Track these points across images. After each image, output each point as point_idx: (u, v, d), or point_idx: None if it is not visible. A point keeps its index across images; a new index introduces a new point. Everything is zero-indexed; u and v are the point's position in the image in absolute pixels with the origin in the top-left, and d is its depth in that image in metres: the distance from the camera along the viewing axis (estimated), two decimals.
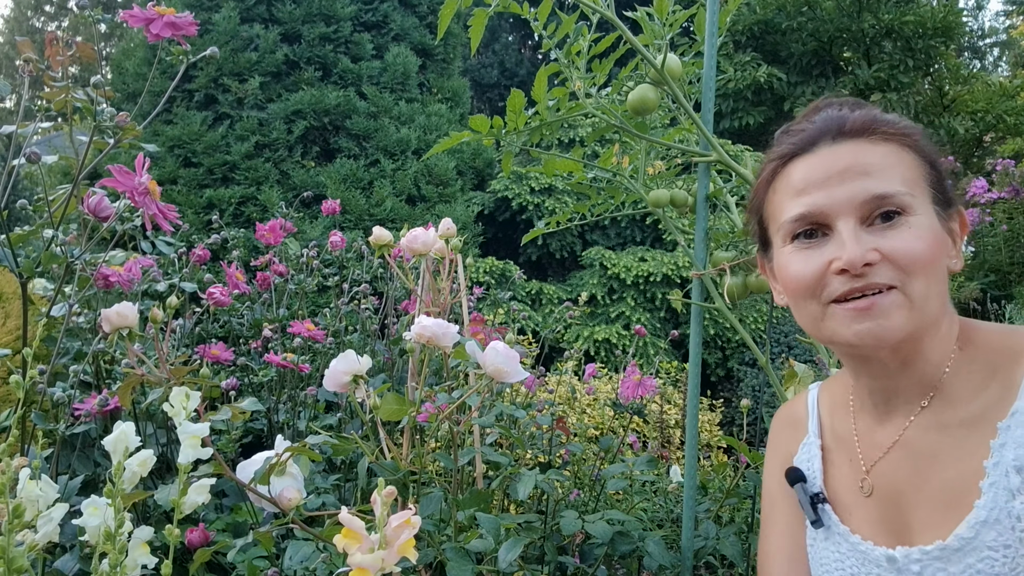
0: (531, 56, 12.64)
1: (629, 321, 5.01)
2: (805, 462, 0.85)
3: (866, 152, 0.73)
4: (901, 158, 0.73)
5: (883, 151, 0.73)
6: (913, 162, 0.73)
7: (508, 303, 2.55)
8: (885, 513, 0.75)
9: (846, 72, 8.38)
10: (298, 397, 1.97)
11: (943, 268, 0.72)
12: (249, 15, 4.87)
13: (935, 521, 0.70)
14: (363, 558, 0.65)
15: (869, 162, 0.72)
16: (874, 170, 0.72)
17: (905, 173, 0.72)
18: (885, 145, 0.73)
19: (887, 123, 0.74)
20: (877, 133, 0.74)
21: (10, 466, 0.73)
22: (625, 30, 1.25)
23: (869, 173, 0.71)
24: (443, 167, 4.97)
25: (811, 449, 0.85)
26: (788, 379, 1.31)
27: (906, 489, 0.74)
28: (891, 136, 0.73)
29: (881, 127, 0.74)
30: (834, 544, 0.79)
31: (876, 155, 0.72)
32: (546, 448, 1.57)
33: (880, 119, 0.75)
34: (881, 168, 0.72)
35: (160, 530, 0.91)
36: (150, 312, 1.12)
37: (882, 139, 0.73)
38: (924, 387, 0.74)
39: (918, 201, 0.71)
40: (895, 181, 0.71)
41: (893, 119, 0.75)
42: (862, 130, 0.74)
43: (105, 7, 14.63)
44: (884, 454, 0.77)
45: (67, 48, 1.27)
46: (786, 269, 0.77)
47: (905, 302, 0.69)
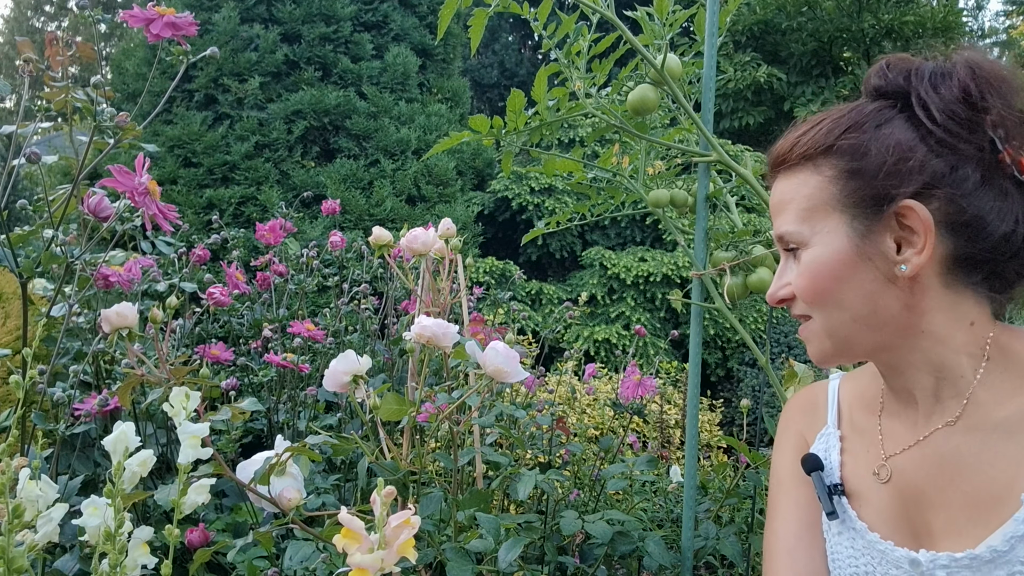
0: (531, 56, 12.64)
1: (629, 321, 5.01)
2: (822, 452, 0.83)
3: (780, 187, 0.75)
4: (804, 184, 0.72)
5: (791, 183, 0.73)
6: (819, 183, 0.71)
7: (508, 303, 2.55)
8: (904, 511, 0.73)
9: (846, 72, 8.38)
10: (298, 397, 1.97)
11: (851, 293, 0.69)
12: (249, 15, 4.87)
13: (960, 527, 0.67)
14: (363, 558, 0.65)
15: (777, 199, 0.75)
16: (781, 208, 0.74)
17: (802, 204, 0.72)
18: (794, 175, 0.73)
19: (797, 147, 0.73)
20: (787, 164, 0.74)
21: (10, 466, 0.73)
22: (625, 30, 1.25)
23: (778, 211, 0.74)
24: (443, 167, 4.97)
25: (829, 440, 0.83)
26: (788, 379, 1.31)
27: (928, 489, 0.71)
28: (799, 162, 0.73)
29: (793, 155, 0.73)
30: (848, 539, 0.77)
31: (784, 190, 0.74)
32: (546, 448, 1.57)
33: (792, 143, 0.73)
34: (784, 204, 0.74)
35: (160, 530, 0.91)
36: (150, 312, 1.12)
37: (791, 169, 0.73)
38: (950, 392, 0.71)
39: (817, 228, 0.71)
40: (790, 218, 0.72)
41: (806, 135, 0.72)
42: (779, 163, 0.75)
43: (105, 7, 14.63)
44: (906, 448, 0.74)
45: (67, 48, 1.27)
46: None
47: (818, 330, 0.73)
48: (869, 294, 0.69)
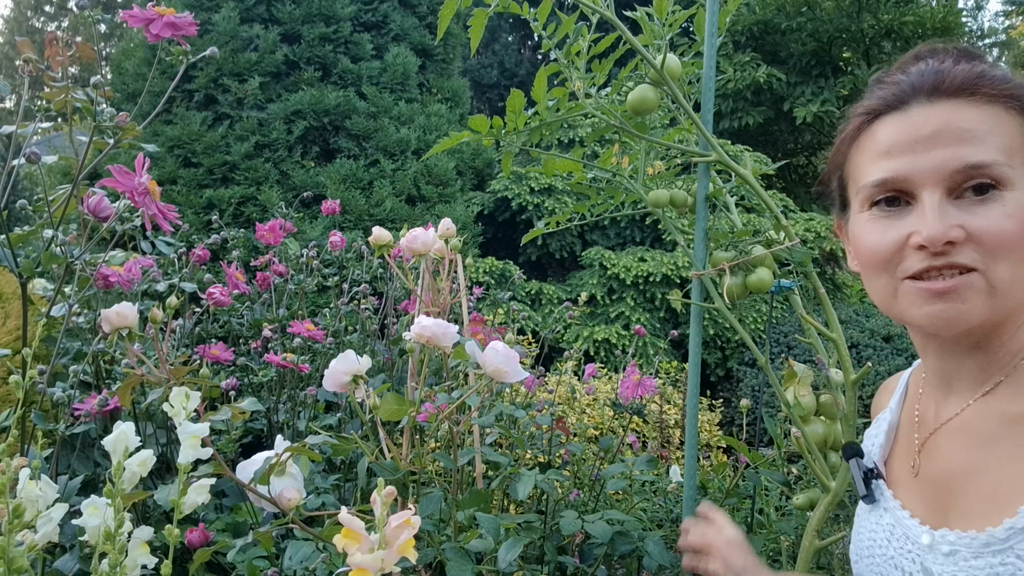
0: (531, 56, 12.64)
1: (629, 321, 5.01)
2: (872, 436, 0.84)
3: (963, 114, 0.64)
4: (1004, 123, 0.64)
5: (983, 114, 0.64)
6: (1017, 128, 0.64)
7: (508, 303, 2.55)
8: (930, 492, 0.72)
9: (846, 72, 8.38)
10: (298, 397, 1.97)
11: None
12: (249, 15, 4.87)
13: (977, 512, 0.66)
14: (363, 558, 0.65)
15: (965, 127, 0.64)
16: (970, 136, 0.64)
17: (1005, 140, 0.64)
18: (987, 107, 0.65)
19: (993, 81, 0.65)
20: (979, 93, 0.65)
21: (10, 466, 0.73)
22: (625, 30, 1.25)
23: (964, 139, 0.64)
24: (443, 167, 4.97)
25: (882, 424, 0.83)
26: (788, 379, 1.31)
27: (954, 472, 0.70)
28: (995, 97, 0.65)
29: (985, 85, 0.65)
30: (876, 516, 0.77)
31: (974, 119, 0.64)
32: (546, 448, 1.57)
33: (986, 75, 0.66)
34: (979, 134, 0.64)
35: (160, 530, 0.91)
36: (150, 312, 1.12)
37: (984, 100, 0.65)
38: (992, 372, 0.69)
39: (1017, 173, 0.63)
40: (992, 150, 0.63)
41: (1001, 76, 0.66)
42: (962, 88, 0.65)
43: (105, 7, 14.63)
44: (935, 431, 0.73)
45: (67, 48, 1.27)
46: (861, 238, 0.71)
47: (986, 287, 0.63)
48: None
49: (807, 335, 1.33)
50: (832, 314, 1.24)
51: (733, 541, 1.01)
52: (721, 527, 1.04)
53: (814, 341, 1.31)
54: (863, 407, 3.89)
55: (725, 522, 1.04)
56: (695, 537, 1.06)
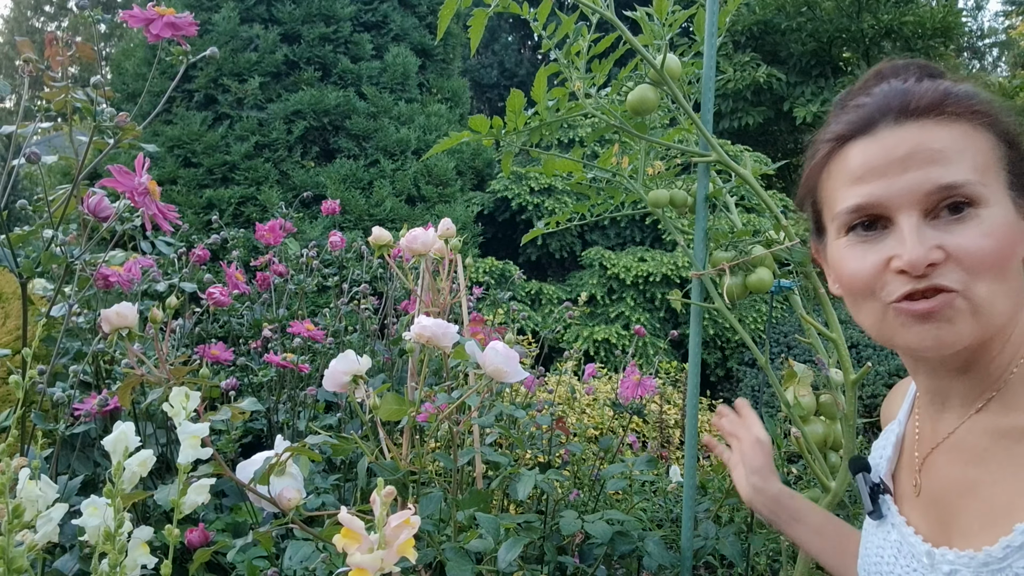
0: (531, 56, 12.64)
1: (629, 321, 5.01)
2: (880, 448, 0.82)
3: (933, 134, 0.64)
4: (973, 140, 0.64)
5: (952, 133, 0.64)
6: (987, 144, 0.64)
7: (508, 303, 2.55)
8: (931, 509, 0.72)
9: (845, 72, 8.38)
10: (298, 397, 1.97)
11: (1016, 265, 0.64)
12: (249, 15, 4.87)
13: (974, 530, 0.66)
14: (362, 558, 0.65)
15: (936, 147, 0.64)
16: (941, 157, 0.63)
17: (977, 158, 0.63)
18: (955, 125, 0.64)
19: (959, 98, 0.65)
20: (946, 112, 0.65)
21: (10, 466, 0.73)
22: (625, 30, 1.25)
23: (936, 160, 0.63)
24: (443, 167, 4.97)
25: (890, 436, 0.82)
26: (787, 379, 1.31)
27: (950, 490, 0.70)
28: (962, 114, 0.65)
29: (951, 104, 0.65)
30: (883, 532, 0.77)
31: (944, 138, 0.64)
32: (546, 448, 1.57)
33: (951, 93, 0.65)
34: (949, 154, 0.63)
35: (160, 530, 0.91)
36: (150, 312, 1.12)
37: (952, 119, 0.65)
38: (983, 388, 0.69)
39: (991, 190, 0.63)
40: (965, 168, 0.63)
41: (966, 92, 0.66)
42: (929, 108, 0.65)
43: (105, 7, 14.63)
44: (932, 450, 0.73)
45: (67, 48, 1.27)
46: (841, 265, 0.70)
47: (969, 307, 0.63)
48: (1018, 272, 0.64)
49: (807, 335, 1.33)
50: (832, 314, 1.24)
51: (759, 440, 1.02)
52: (751, 424, 1.06)
53: (814, 341, 1.31)
54: (863, 407, 3.93)
55: (756, 421, 1.06)
56: (726, 423, 1.09)
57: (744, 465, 1.01)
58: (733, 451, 1.06)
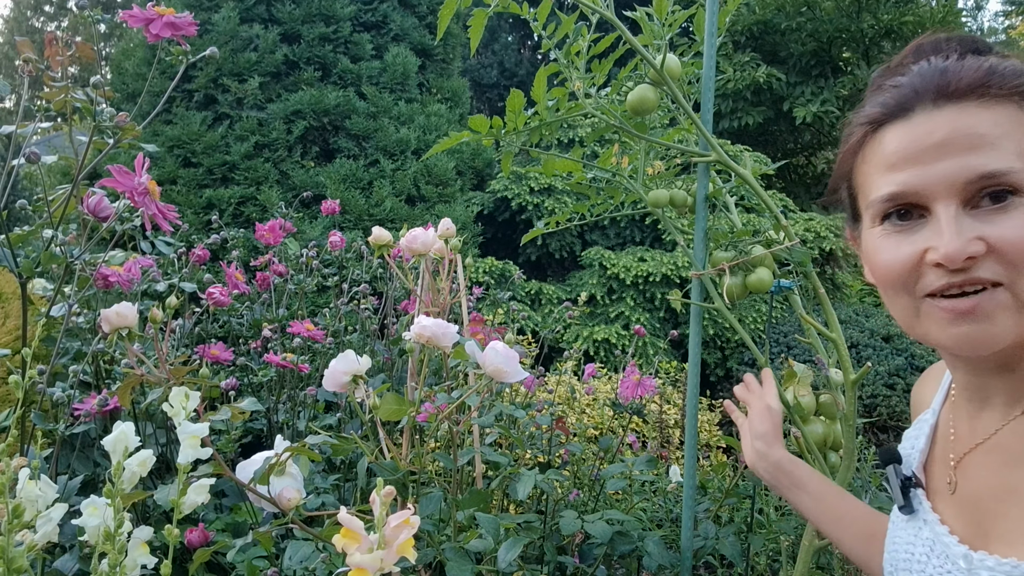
0: (531, 56, 12.64)
1: (628, 321, 5.01)
2: (912, 439, 0.78)
3: (974, 118, 0.60)
4: (1019, 123, 0.59)
5: (995, 116, 0.59)
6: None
7: (507, 303, 2.55)
8: (968, 509, 0.68)
9: (845, 72, 8.38)
10: (298, 397, 1.97)
11: None
12: (249, 15, 4.87)
13: (1015, 537, 0.62)
14: (362, 558, 0.65)
15: (977, 132, 0.59)
16: (983, 142, 0.59)
17: (1023, 143, 0.59)
18: (999, 108, 0.60)
19: (1004, 77, 0.60)
20: (989, 93, 0.60)
21: (9, 466, 0.73)
22: (624, 30, 1.25)
23: (976, 146, 0.59)
24: (442, 167, 4.97)
25: (923, 426, 0.77)
26: (787, 379, 1.31)
27: (987, 494, 0.66)
28: (1008, 95, 0.60)
29: (995, 83, 0.60)
30: (915, 528, 0.72)
31: (986, 122, 0.59)
32: (545, 448, 1.57)
33: (995, 72, 0.60)
34: (991, 139, 0.59)
35: (160, 530, 0.91)
36: (149, 312, 1.12)
37: (995, 100, 0.60)
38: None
39: None
40: (1008, 155, 0.58)
41: (1013, 70, 0.61)
42: (970, 90, 0.60)
43: (105, 7, 14.63)
44: (971, 450, 0.69)
45: (67, 48, 1.27)
46: (875, 255, 0.66)
47: (1012, 303, 0.59)
48: None
49: (807, 335, 1.33)
50: (832, 314, 1.24)
51: (769, 408, 1.05)
52: (765, 393, 1.08)
53: (814, 341, 1.31)
54: (863, 407, 3.92)
55: (772, 390, 1.09)
56: (741, 391, 1.13)
57: (751, 431, 1.03)
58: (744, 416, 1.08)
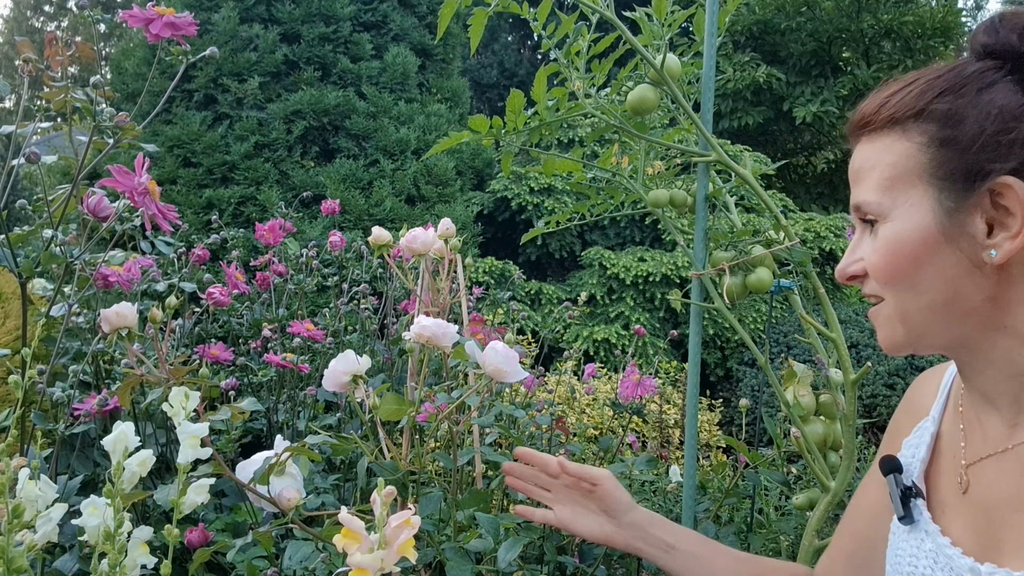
0: (530, 56, 12.64)
1: (628, 321, 5.01)
2: (912, 447, 0.77)
3: (859, 154, 0.67)
4: (889, 150, 0.64)
5: (872, 148, 0.66)
6: (906, 150, 0.63)
7: (507, 303, 2.55)
8: (976, 521, 0.67)
9: (845, 72, 8.39)
10: (297, 397, 1.97)
11: (930, 277, 0.62)
12: (248, 15, 4.87)
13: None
14: (362, 558, 0.65)
15: (855, 168, 0.67)
16: (858, 177, 0.67)
17: (884, 172, 0.64)
18: (879, 139, 0.65)
19: (885, 108, 0.65)
20: (870, 127, 0.66)
21: (9, 466, 0.73)
22: (624, 30, 1.25)
23: (855, 180, 0.67)
24: (442, 167, 4.97)
25: (923, 434, 0.76)
26: (787, 379, 1.31)
27: (1002, 504, 0.65)
28: (885, 125, 0.65)
29: (876, 118, 0.65)
30: (916, 539, 0.71)
31: (864, 157, 0.67)
32: (546, 448, 1.57)
33: (879, 104, 0.66)
34: (863, 172, 0.66)
35: (159, 530, 0.91)
36: (149, 312, 1.12)
37: (877, 132, 0.65)
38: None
39: (899, 200, 0.63)
40: (870, 187, 0.65)
41: (896, 96, 0.65)
42: (861, 127, 0.67)
43: (105, 7, 14.63)
44: (986, 457, 0.68)
45: (66, 48, 1.27)
46: None
47: (890, 314, 0.65)
48: (949, 280, 0.62)
49: (807, 335, 1.33)
50: (832, 314, 1.24)
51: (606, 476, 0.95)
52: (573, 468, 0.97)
53: (814, 341, 1.31)
54: (863, 407, 3.92)
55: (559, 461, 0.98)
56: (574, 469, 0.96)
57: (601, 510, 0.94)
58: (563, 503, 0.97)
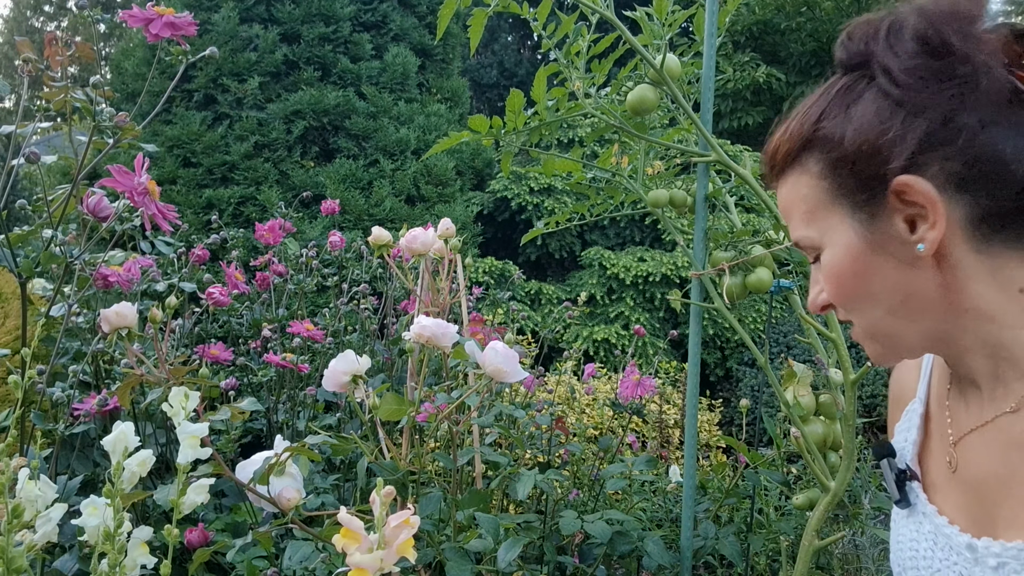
0: (530, 56, 12.64)
1: (628, 321, 5.01)
2: (904, 431, 0.78)
3: (779, 195, 0.69)
4: (798, 187, 0.66)
5: (786, 188, 0.68)
6: (810, 182, 0.65)
7: (507, 303, 2.55)
8: (970, 494, 0.68)
9: None
10: (297, 397, 1.97)
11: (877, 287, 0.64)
12: (248, 15, 4.87)
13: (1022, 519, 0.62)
14: (362, 558, 0.65)
15: (783, 207, 0.69)
16: (787, 215, 0.69)
17: (802, 207, 0.66)
18: (787, 178, 0.67)
19: (780, 149, 0.67)
20: (776, 169, 0.68)
21: (9, 466, 0.73)
22: (624, 30, 1.25)
23: (787, 219, 0.69)
24: (442, 167, 4.97)
25: (913, 416, 0.77)
26: (787, 379, 1.31)
27: (990, 478, 0.66)
28: (787, 163, 0.67)
29: (776, 159, 0.68)
30: (915, 523, 0.72)
31: (783, 196, 0.68)
32: (545, 448, 1.57)
33: (775, 147, 0.68)
34: (788, 211, 0.68)
35: (159, 530, 0.91)
36: (149, 312, 1.12)
37: (783, 173, 0.68)
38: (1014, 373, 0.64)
39: (823, 228, 0.65)
40: (796, 224, 0.68)
41: (785, 134, 0.67)
42: (770, 171, 0.69)
43: (105, 7, 14.63)
44: (971, 431, 0.68)
45: (66, 48, 1.27)
46: None
47: (861, 333, 0.68)
48: (896, 284, 0.63)
49: (807, 335, 1.33)
50: (831, 314, 1.24)
51: None
52: None
53: (814, 341, 1.31)
54: (863, 407, 3.91)
55: None
56: None
57: None
58: None
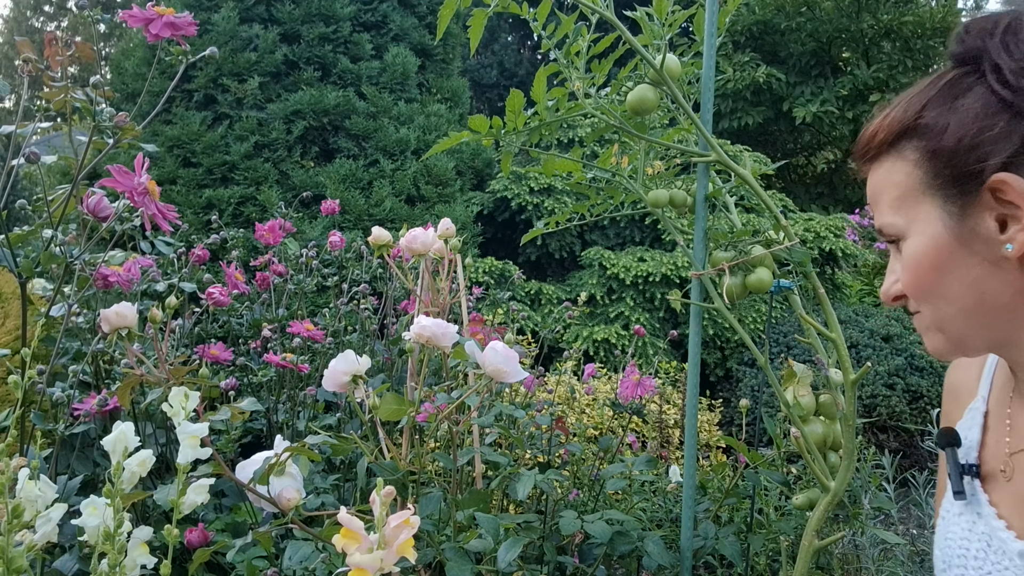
0: (530, 56, 12.64)
1: (628, 321, 5.01)
2: (966, 429, 0.77)
3: (870, 180, 0.70)
4: (891, 172, 0.67)
5: (878, 173, 0.68)
6: (904, 169, 0.65)
7: (507, 303, 2.55)
8: (1020, 508, 0.67)
9: (845, 72, 8.39)
10: (297, 397, 1.97)
11: (955, 283, 0.64)
12: (248, 15, 4.87)
13: None
14: (362, 558, 0.65)
15: (872, 193, 0.69)
16: (874, 201, 0.69)
17: (892, 194, 0.67)
18: (881, 164, 0.68)
19: (878, 134, 0.67)
20: (869, 154, 0.69)
21: (9, 466, 0.73)
22: (624, 30, 1.25)
23: (875, 205, 0.69)
24: (442, 167, 4.97)
25: (975, 415, 0.76)
26: (787, 379, 1.31)
27: None
28: (882, 150, 0.67)
29: (872, 144, 0.68)
30: (968, 521, 0.71)
31: (874, 182, 0.69)
32: (545, 448, 1.57)
33: (873, 131, 0.68)
34: (876, 197, 0.69)
35: (159, 530, 0.91)
36: (149, 312, 1.12)
37: (877, 158, 0.68)
38: None
39: (909, 219, 0.66)
40: (885, 211, 0.68)
41: (886, 120, 0.67)
42: (863, 156, 0.70)
43: (105, 7, 14.62)
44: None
45: (66, 48, 1.27)
46: None
47: (929, 325, 0.67)
48: (974, 282, 0.63)
49: (807, 335, 1.33)
50: (831, 314, 1.24)
51: None
52: None
53: (813, 341, 1.31)
54: (863, 407, 3.92)
55: None
56: None
57: None
58: None
